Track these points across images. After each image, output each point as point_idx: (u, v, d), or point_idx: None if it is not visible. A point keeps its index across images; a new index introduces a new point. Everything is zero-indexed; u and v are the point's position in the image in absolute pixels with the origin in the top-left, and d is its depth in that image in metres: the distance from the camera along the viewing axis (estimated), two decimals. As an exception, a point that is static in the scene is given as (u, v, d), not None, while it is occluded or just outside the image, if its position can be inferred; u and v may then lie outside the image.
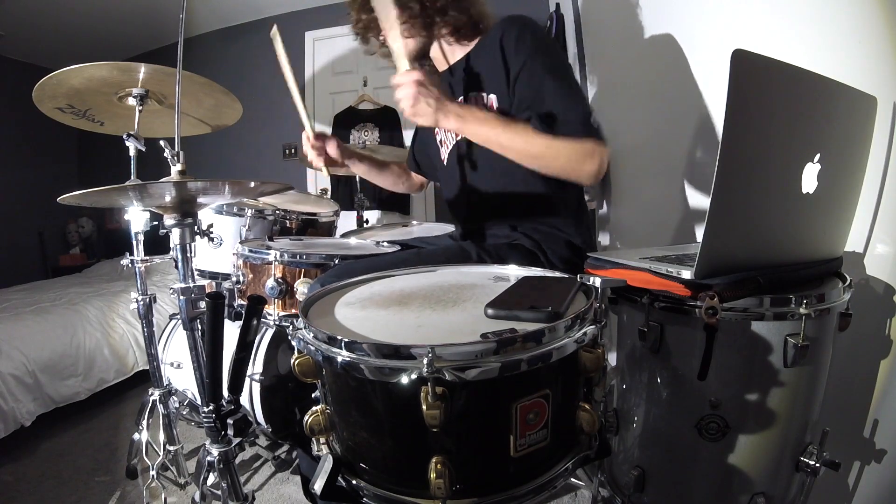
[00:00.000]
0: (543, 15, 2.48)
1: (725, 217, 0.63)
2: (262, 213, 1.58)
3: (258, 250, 1.22)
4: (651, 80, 1.54)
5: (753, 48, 0.57)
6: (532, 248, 1.04)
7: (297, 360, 0.55)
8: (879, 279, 0.84)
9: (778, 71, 0.62)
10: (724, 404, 0.70)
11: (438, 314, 0.59)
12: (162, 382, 1.39)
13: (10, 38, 3.01)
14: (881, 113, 0.77)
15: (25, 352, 1.73)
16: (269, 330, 1.38)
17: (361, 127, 2.89)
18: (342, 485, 0.57)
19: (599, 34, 1.98)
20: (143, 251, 1.30)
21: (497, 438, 0.50)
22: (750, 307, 0.67)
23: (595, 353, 0.54)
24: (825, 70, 0.67)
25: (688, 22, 1.31)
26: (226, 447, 0.84)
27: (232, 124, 1.56)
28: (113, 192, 0.68)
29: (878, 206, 0.83)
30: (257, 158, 3.32)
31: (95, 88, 1.24)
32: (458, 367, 0.45)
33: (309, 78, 3.20)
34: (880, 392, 0.83)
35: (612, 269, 0.81)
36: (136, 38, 3.22)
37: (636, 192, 1.67)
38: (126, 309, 2.18)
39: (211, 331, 0.76)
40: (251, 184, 0.80)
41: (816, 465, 0.72)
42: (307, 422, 0.57)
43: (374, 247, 1.35)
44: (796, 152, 0.67)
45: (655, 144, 1.45)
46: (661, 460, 0.79)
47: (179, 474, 1.35)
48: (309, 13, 3.18)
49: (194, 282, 0.82)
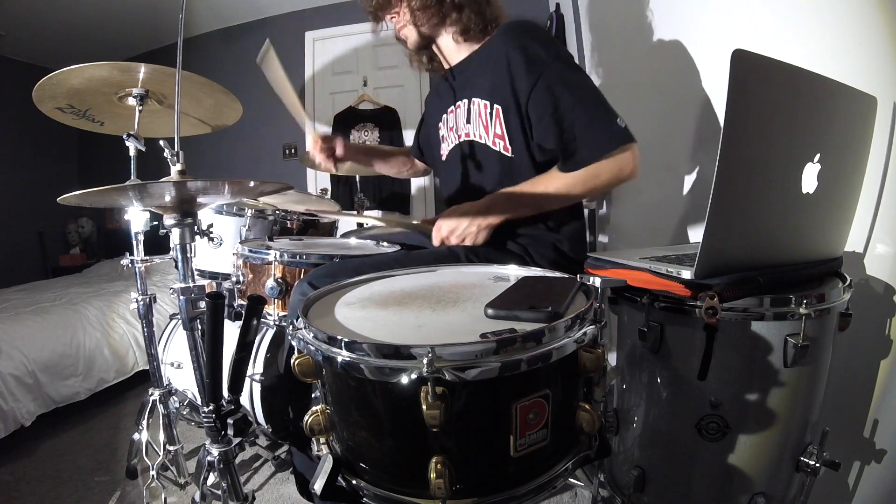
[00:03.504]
0: (543, 15, 2.48)
1: (725, 217, 0.63)
2: (262, 213, 1.58)
3: (258, 250, 1.22)
4: (651, 80, 1.54)
5: (753, 48, 0.57)
6: (519, 252, 1.04)
7: (297, 360, 0.55)
8: (879, 279, 0.84)
9: (778, 71, 0.62)
10: (724, 404, 0.70)
11: (438, 314, 0.59)
12: (162, 382, 1.38)
13: (10, 38, 3.01)
14: (881, 113, 0.77)
15: (25, 352, 1.73)
16: (269, 330, 1.38)
17: (361, 127, 2.89)
18: (342, 485, 0.57)
19: (599, 34, 1.98)
20: (143, 251, 1.30)
21: (497, 438, 0.50)
22: (750, 307, 0.67)
23: (595, 353, 0.54)
24: (825, 70, 0.67)
25: (688, 22, 1.31)
26: (226, 447, 0.84)
27: (232, 124, 1.56)
28: (113, 192, 0.68)
29: (878, 206, 0.83)
30: (257, 158, 3.31)
31: (95, 88, 1.23)
32: (458, 367, 0.45)
33: (309, 78, 3.20)
34: (880, 392, 0.83)
35: (612, 269, 0.81)
36: (136, 38, 3.22)
37: (636, 192, 1.67)
38: (126, 309, 2.18)
39: (211, 331, 0.76)
40: (251, 184, 0.80)
41: (816, 465, 0.72)
42: (307, 422, 0.57)
43: (374, 247, 1.35)
44: (796, 152, 0.67)
45: (655, 145, 1.45)
46: (661, 460, 0.79)
47: (179, 474, 1.35)
48: (309, 13, 3.18)
49: (194, 282, 0.82)
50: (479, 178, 1.11)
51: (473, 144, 1.10)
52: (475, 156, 1.10)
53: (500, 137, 1.03)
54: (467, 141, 1.11)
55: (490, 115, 1.03)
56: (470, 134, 1.09)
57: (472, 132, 1.09)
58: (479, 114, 1.05)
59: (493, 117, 1.03)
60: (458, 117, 1.13)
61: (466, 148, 1.12)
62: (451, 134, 1.17)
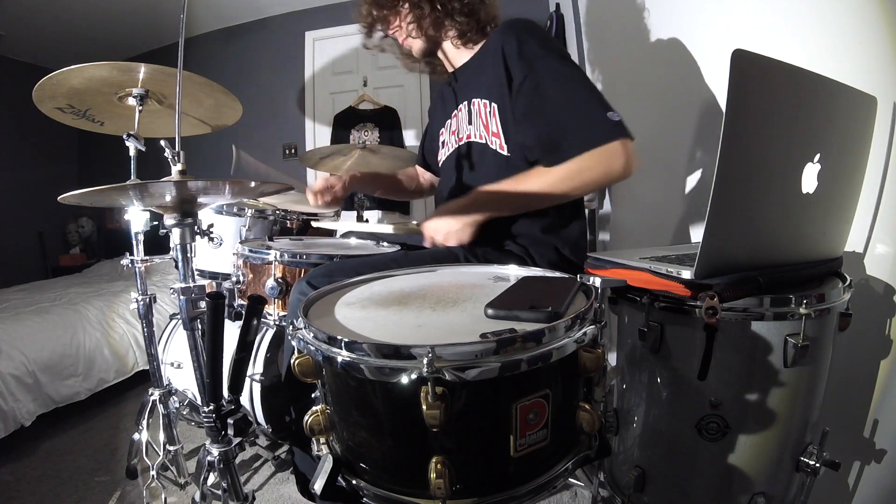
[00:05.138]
0: (543, 15, 2.48)
1: (725, 217, 0.63)
2: (262, 213, 1.58)
3: (258, 250, 1.22)
4: (651, 80, 1.54)
5: (753, 48, 0.57)
6: (520, 253, 1.04)
7: (297, 360, 0.55)
8: (879, 279, 0.84)
9: (778, 71, 0.62)
10: (724, 404, 0.70)
11: (438, 314, 0.59)
12: (162, 382, 1.38)
13: (10, 38, 3.01)
14: (881, 113, 0.77)
15: (25, 352, 1.73)
16: (269, 330, 1.38)
17: (361, 127, 2.89)
18: (342, 485, 0.57)
19: (599, 34, 1.98)
20: (143, 251, 1.30)
21: (497, 438, 0.50)
22: (750, 307, 0.67)
23: (595, 353, 0.54)
24: (825, 70, 0.67)
25: (688, 22, 1.31)
26: (226, 447, 0.84)
27: (232, 124, 1.56)
28: (113, 191, 0.68)
29: (878, 206, 0.83)
30: (257, 158, 3.31)
31: (95, 88, 1.23)
32: (458, 367, 0.45)
33: (309, 78, 3.20)
34: (880, 392, 0.83)
35: (612, 269, 0.81)
36: (136, 38, 3.22)
37: (636, 192, 1.67)
38: (126, 309, 2.18)
39: (211, 331, 0.76)
40: (251, 184, 0.80)
41: (816, 465, 0.72)
42: (307, 422, 0.57)
43: (374, 247, 1.35)
44: (796, 152, 0.67)
45: (655, 145, 1.45)
46: (661, 460, 0.79)
47: (179, 474, 1.35)
48: (309, 13, 3.18)
49: (194, 282, 0.82)
50: (475, 177, 1.11)
51: (472, 145, 1.10)
52: (472, 156, 1.10)
53: (496, 136, 1.03)
54: (467, 142, 1.11)
55: (489, 113, 1.03)
56: (471, 135, 1.09)
57: (473, 132, 1.09)
58: (480, 113, 1.05)
59: (490, 116, 1.03)
60: (460, 121, 1.13)
61: (465, 149, 1.12)
62: (451, 138, 1.17)
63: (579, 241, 1.09)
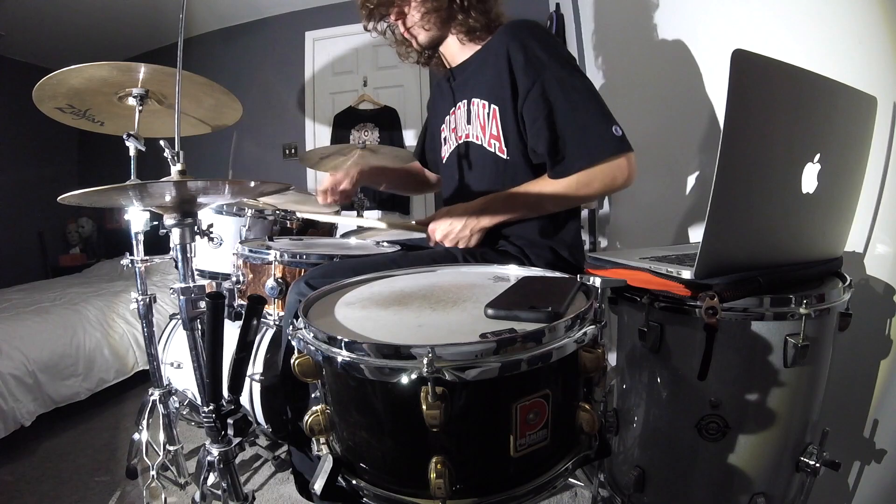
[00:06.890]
0: (543, 15, 2.48)
1: (725, 217, 0.63)
2: (262, 213, 1.58)
3: (258, 250, 1.22)
4: (651, 80, 1.54)
5: (753, 48, 0.57)
6: (516, 253, 1.04)
7: (297, 360, 0.55)
8: (879, 279, 0.84)
9: (778, 71, 0.62)
10: (724, 404, 0.70)
11: (438, 314, 0.59)
12: (162, 382, 1.38)
13: (10, 38, 3.01)
14: (881, 113, 0.77)
15: (25, 352, 1.73)
16: (269, 330, 1.38)
17: (361, 127, 2.89)
18: (342, 485, 0.57)
19: (599, 34, 1.98)
20: (143, 251, 1.30)
21: (497, 438, 0.50)
22: (750, 307, 0.67)
23: (595, 353, 0.54)
24: (825, 70, 0.67)
25: (688, 22, 1.31)
26: (226, 447, 0.84)
27: (232, 124, 1.56)
28: (113, 191, 0.68)
29: (878, 206, 0.83)
30: (257, 158, 3.32)
31: (95, 88, 1.23)
32: (458, 367, 0.45)
33: (309, 78, 3.20)
34: (880, 392, 0.83)
35: (612, 269, 0.81)
36: (136, 38, 3.22)
37: (636, 193, 1.66)
38: (126, 309, 2.18)
39: (211, 331, 0.76)
40: (251, 184, 0.80)
41: (816, 465, 0.72)
42: (307, 422, 0.57)
43: (373, 247, 1.35)
44: (796, 152, 0.67)
45: (655, 145, 1.45)
46: (661, 460, 0.79)
47: (179, 474, 1.35)
48: (309, 13, 3.18)
49: (194, 282, 0.82)
50: (474, 179, 1.11)
51: (470, 146, 1.09)
52: (471, 157, 1.10)
53: (495, 139, 1.03)
54: (465, 142, 1.10)
55: (488, 115, 1.03)
56: (469, 135, 1.09)
57: (472, 133, 1.08)
58: (478, 114, 1.05)
59: (490, 118, 1.03)
60: (458, 119, 1.13)
61: (464, 149, 1.11)
62: (452, 136, 1.17)
63: (575, 242, 1.09)
